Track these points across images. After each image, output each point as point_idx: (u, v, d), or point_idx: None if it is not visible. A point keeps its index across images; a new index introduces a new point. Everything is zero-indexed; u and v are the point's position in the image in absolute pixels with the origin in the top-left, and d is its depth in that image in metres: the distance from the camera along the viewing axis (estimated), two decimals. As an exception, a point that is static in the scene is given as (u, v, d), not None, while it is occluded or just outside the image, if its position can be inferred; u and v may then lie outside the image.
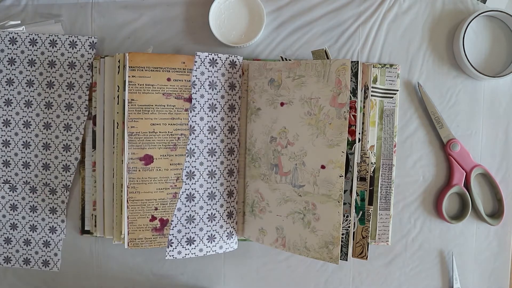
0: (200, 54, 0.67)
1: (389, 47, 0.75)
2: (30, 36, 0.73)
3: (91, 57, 0.73)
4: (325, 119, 0.60)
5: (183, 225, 0.68)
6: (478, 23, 0.75)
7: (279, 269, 0.76)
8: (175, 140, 0.67)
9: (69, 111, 0.73)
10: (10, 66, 0.73)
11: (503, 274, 0.77)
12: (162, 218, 0.67)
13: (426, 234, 0.76)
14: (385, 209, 0.74)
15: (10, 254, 0.75)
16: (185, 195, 0.68)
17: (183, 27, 0.75)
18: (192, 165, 0.68)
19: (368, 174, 0.63)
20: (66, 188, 0.74)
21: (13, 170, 0.73)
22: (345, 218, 0.61)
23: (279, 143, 0.65)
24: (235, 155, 0.71)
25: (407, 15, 0.75)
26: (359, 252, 0.64)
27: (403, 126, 0.75)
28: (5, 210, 0.74)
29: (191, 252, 0.69)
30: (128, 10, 0.75)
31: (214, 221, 0.70)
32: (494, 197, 0.76)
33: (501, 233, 0.76)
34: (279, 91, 0.66)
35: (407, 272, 0.76)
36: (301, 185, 0.63)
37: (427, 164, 0.75)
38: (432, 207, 0.76)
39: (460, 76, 0.75)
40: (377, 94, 0.71)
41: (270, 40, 0.75)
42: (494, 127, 0.76)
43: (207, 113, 0.68)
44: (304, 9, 0.75)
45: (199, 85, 0.67)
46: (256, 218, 0.69)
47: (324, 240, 0.60)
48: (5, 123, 0.73)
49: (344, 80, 0.59)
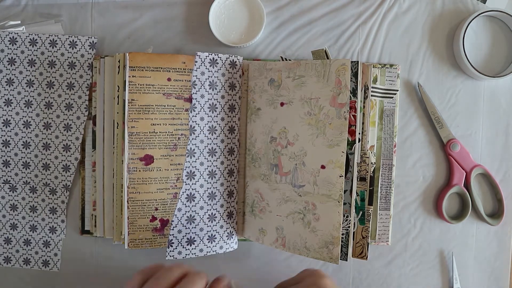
0: (200, 54, 0.67)
1: (389, 47, 0.75)
2: (30, 36, 0.73)
3: (91, 57, 0.73)
4: (325, 119, 0.60)
5: (184, 225, 0.68)
6: (478, 23, 0.75)
7: (279, 269, 0.76)
8: (175, 140, 0.67)
9: (69, 111, 0.73)
10: (10, 66, 0.73)
11: (503, 274, 0.77)
12: (163, 219, 0.67)
13: (426, 234, 0.76)
14: (385, 209, 0.74)
15: (10, 254, 0.75)
16: (185, 195, 0.68)
17: (183, 27, 0.75)
18: (193, 165, 0.68)
19: (368, 174, 0.63)
20: (66, 188, 0.74)
21: (13, 170, 0.73)
22: (345, 218, 0.61)
23: (279, 143, 0.65)
24: (235, 155, 0.71)
25: (407, 15, 0.75)
26: (359, 252, 0.64)
27: (403, 126, 0.75)
28: (5, 210, 0.74)
29: (192, 252, 0.69)
30: (128, 10, 0.75)
31: (215, 221, 0.70)
32: (494, 197, 0.76)
33: (501, 233, 0.76)
34: (279, 91, 0.66)
35: (407, 272, 0.76)
36: (301, 185, 0.63)
37: (427, 164, 0.75)
38: (432, 207, 0.76)
39: (460, 76, 0.75)
40: (377, 94, 0.71)
41: (270, 40, 0.75)
42: (494, 127, 0.76)
43: (207, 113, 0.68)
44: (304, 9, 0.75)
45: (199, 85, 0.67)
46: (256, 218, 0.69)
47: (324, 240, 0.60)
48: (5, 123, 0.73)
49: (344, 80, 0.59)
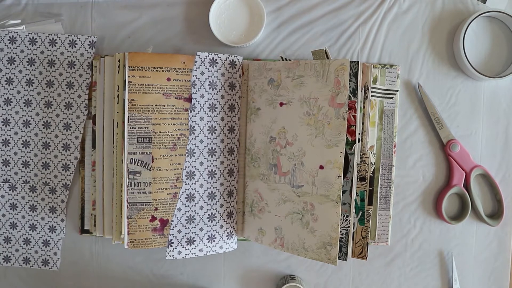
0: (200, 54, 0.67)
1: (389, 47, 0.75)
2: (29, 35, 0.73)
3: (90, 56, 0.73)
4: (323, 119, 0.60)
5: (183, 225, 0.68)
6: (478, 23, 0.75)
7: (279, 269, 0.76)
8: (175, 140, 0.67)
9: (68, 110, 0.73)
10: (9, 65, 0.73)
11: (503, 274, 0.76)
12: (162, 218, 0.67)
13: (426, 234, 0.76)
14: (385, 209, 0.74)
15: (9, 254, 0.75)
16: (185, 195, 0.68)
17: (183, 27, 0.75)
18: (192, 165, 0.68)
19: (368, 174, 0.63)
20: (66, 187, 0.74)
21: (13, 169, 0.74)
22: (344, 218, 0.61)
23: (278, 143, 0.65)
24: (235, 155, 0.71)
25: (407, 15, 0.75)
26: (358, 252, 0.64)
27: (403, 126, 0.75)
28: (5, 209, 0.74)
29: (191, 252, 0.69)
30: (128, 10, 0.75)
31: (214, 221, 0.70)
32: (494, 197, 0.76)
33: (501, 234, 0.76)
34: (278, 91, 0.66)
35: (407, 272, 0.76)
36: (300, 185, 0.63)
37: (427, 164, 0.75)
38: (432, 207, 0.76)
39: (460, 77, 0.75)
40: (377, 94, 0.71)
41: (270, 40, 0.75)
42: (494, 127, 0.76)
43: (207, 113, 0.68)
44: (304, 9, 0.74)
45: (199, 85, 0.67)
46: (255, 218, 0.69)
47: (322, 240, 0.60)
48: (4, 122, 0.73)
49: (342, 80, 0.58)
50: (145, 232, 0.67)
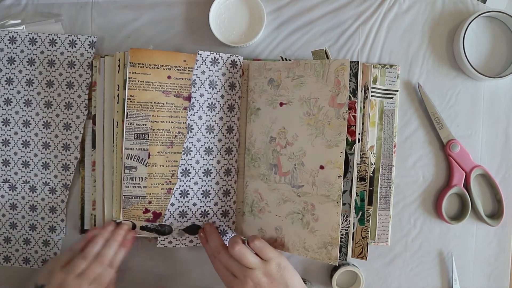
0: (202, 53, 0.67)
1: (389, 47, 0.75)
2: (29, 35, 0.73)
3: (90, 56, 0.73)
4: (324, 120, 0.60)
5: (175, 219, 0.69)
6: (478, 23, 0.75)
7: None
8: (172, 137, 0.67)
9: (68, 110, 0.73)
10: (9, 65, 0.73)
11: (503, 274, 0.76)
12: (155, 211, 0.68)
13: (426, 234, 0.76)
14: (385, 209, 0.74)
15: (9, 254, 0.75)
16: (179, 191, 0.68)
17: (183, 27, 0.75)
18: (188, 163, 0.68)
19: (367, 174, 0.63)
20: (66, 187, 0.74)
21: (13, 169, 0.74)
22: (344, 218, 0.61)
23: (278, 143, 0.65)
24: (233, 154, 0.71)
25: (407, 15, 0.75)
26: (358, 253, 0.64)
27: (403, 127, 0.75)
28: (5, 209, 0.74)
29: (182, 242, 0.71)
30: (128, 10, 0.75)
31: (207, 217, 0.70)
32: (494, 197, 0.76)
33: (501, 234, 0.76)
34: (278, 91, 0.66)
35: (407, 272, 0.76)
36: (300, 186, 0.63)
37: (427, 164, 0.75)
38: (431, 207, 0.76)
39: (460, 77, 0.75)
40: (377, 94, 0.71)
41: (270, 40, 0.75)
42: (494, 127, 0.76)
43: (205, 112, 0.68)
44: (304, 9, 0.74)
45: (199, 84, 0.67)
46: (255, 218, 0.69)
47: (322, 240, 0.60)
48: (4, 122, 0.73)
49: (343, 80, 0.58)
50: (138, 221, 0.68)
